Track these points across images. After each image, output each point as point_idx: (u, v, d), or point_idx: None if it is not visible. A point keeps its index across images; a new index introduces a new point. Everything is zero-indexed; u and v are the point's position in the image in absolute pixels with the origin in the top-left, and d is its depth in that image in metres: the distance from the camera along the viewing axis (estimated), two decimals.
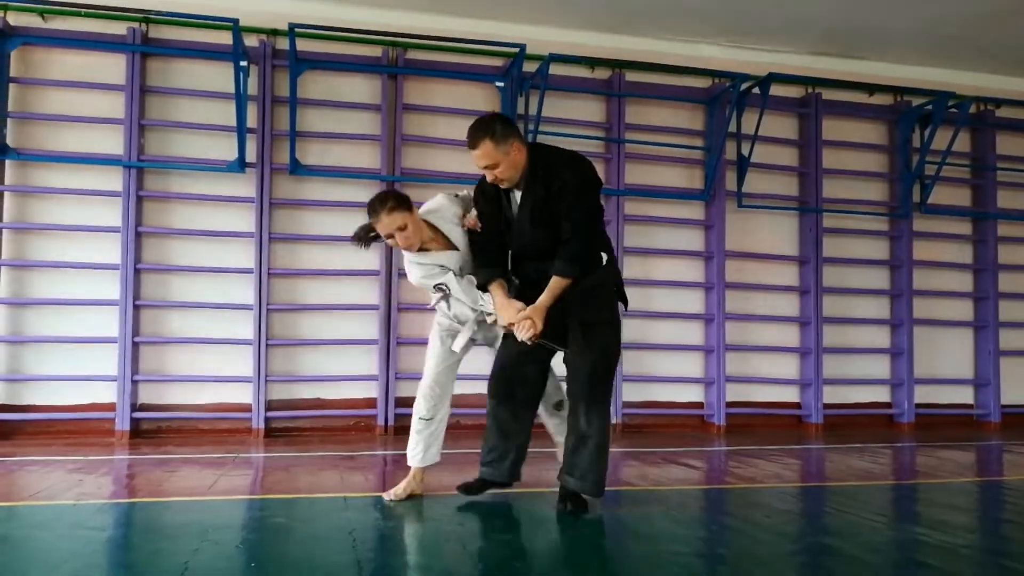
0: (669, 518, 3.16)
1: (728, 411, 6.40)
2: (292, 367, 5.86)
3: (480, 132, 3.01)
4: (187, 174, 5.73)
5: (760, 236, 6.73)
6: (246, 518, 3.17)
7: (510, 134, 3.04)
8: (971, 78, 7.16)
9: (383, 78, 5.98)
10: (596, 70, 6.43)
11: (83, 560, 2.47)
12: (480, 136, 3.01)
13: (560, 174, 3.06)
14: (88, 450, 4.86)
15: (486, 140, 3.00)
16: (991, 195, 7.16)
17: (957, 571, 2.49)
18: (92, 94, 5.61)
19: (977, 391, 7.19)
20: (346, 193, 5.95)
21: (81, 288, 5.54)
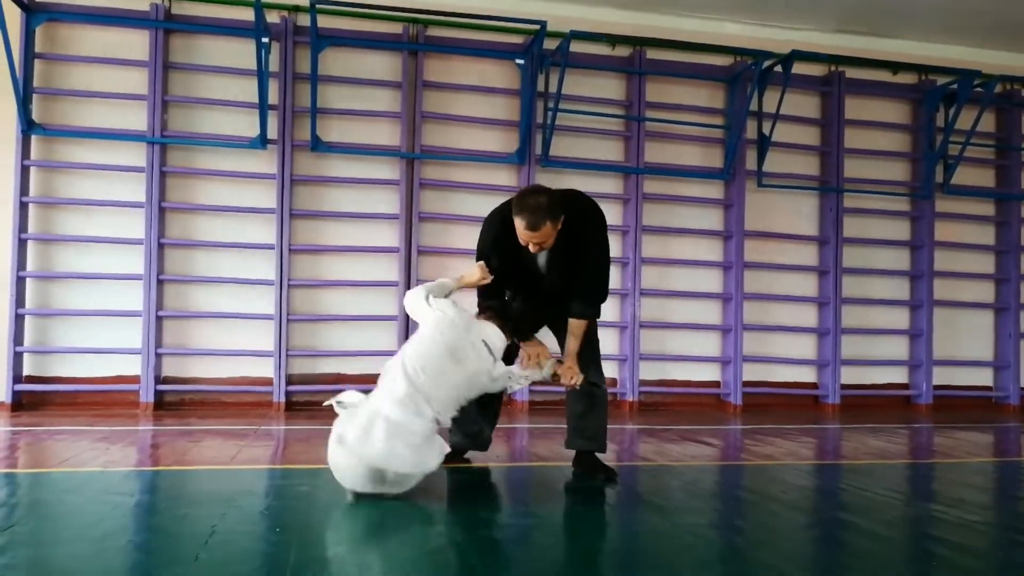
0: (685, 492, 3.19)
1: (745, 390, 6.41)
2: (312, 342, 5.92)
3: (544, 217, 2.93)
4: (209, 150, 5.78)
5: (780, 216, 6.70)
6: (270, 486, 3.23)
7: (561, 211, 3.01)
8: (997, 56, 7.05)
9: (404, 55, 5.99)
10: (617, 48, 6.40)
11: (112, 523, 2.54)
12: (544, 221, 2.94)
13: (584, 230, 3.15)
14: (113, 421, 4.96)
15: (548, 224, 2.95)
16: (1015, 176, 7.08)
17: (972, 546, 2.51)
18: (116, 70, 5.66)
19: (996, 373, 7.16)
20: (366, 170, 5.98)
21: (106, 262, 5.62)
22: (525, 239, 3.01)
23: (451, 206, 6.11)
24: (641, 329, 6.30)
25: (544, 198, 2.96)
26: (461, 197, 6.13)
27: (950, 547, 2.46)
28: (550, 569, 2.14)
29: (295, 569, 2.06)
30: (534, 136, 6.14)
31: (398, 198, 5.97)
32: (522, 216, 2.95)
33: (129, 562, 2.16)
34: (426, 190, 6.07)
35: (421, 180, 6.02)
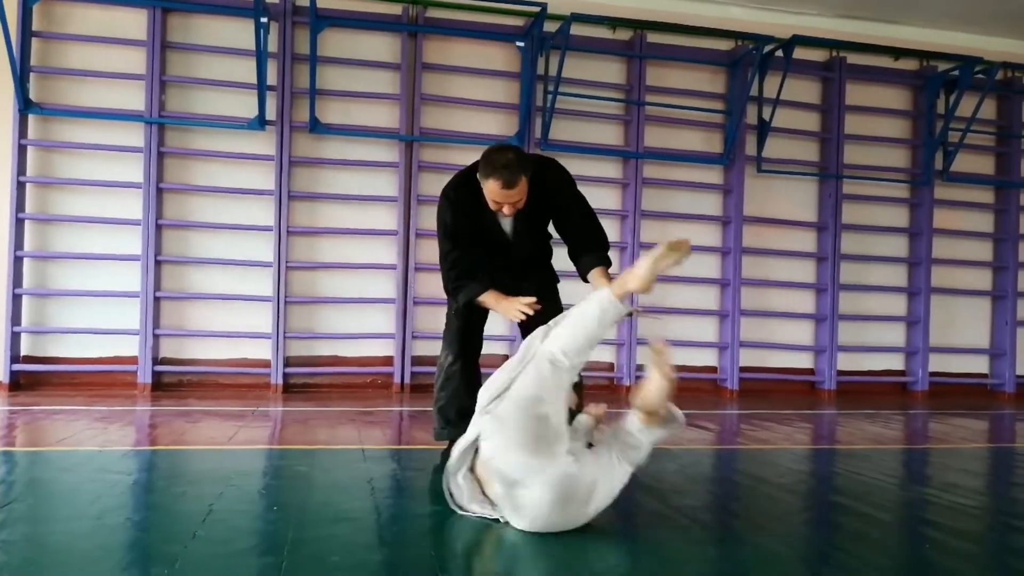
0: (682, 475, 3.21)
1: (741, 376, 6.43)
2: (310, 324, 5.93)
3: (518, 173, 2.77)
4: (207, 131, 5.76)
5: (779, 202, 6.70)
6: (267, 466, 3.24)
7: (529, 166, 2.87)
8: (999, 43, 7.02)
9: (403, 36, 5.95)
10: (617, 31, 6.37)
11: (110, 501, 2.54)
12: (520, 175, 2.78)
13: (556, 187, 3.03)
14: (111, 401, 4.97)
15: (523, 179, 2.80)
16: (1015, 163, 7.07)
17: (965, 529, 2.52)
18: (114, 49, 5.63)
19: (992, 361, 7.18)
20: (365, 152, 5.97)
21: (103, 243, 5.61)
22: (501, 200, 2.82)
23: None
24: (638, 314, 6.28)
25: (511, 153, 2.81)
26: None
27: (943, 530, 2.47)
28: (545, 551, 2.15)
29: (292, 547, 2.08)
30: (533, 119, 6.12)
31: (397, 180, 5.96)
32: (496, 176, 2.76)
33: (127, 539, 2.18)
34: (425, 172, 6.05)
35: (420, 162, 6.00)
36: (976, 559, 2.26)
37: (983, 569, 2.20)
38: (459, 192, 3.01)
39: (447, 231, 3.02)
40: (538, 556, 2.12)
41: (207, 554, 2.01)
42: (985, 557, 2.32)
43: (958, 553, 2.25)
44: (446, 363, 3.27)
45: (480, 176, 2.83)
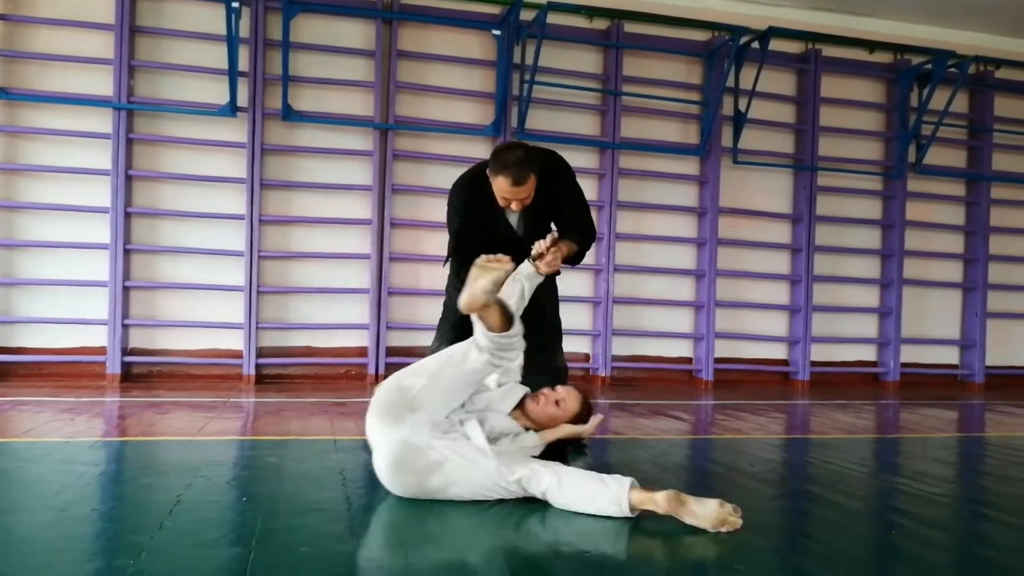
0: (654, 464, 3.21)
1: (716, 367, 6.47)
2: (283, 314, 5.86)
3: (527, 169, 2.80)
4: (178, 117, 5.66)
5: (754, 193, 6.73)
6: (238, 457, 3.20)
7: (537, 162, 2.89)
8: (972, 38, 7.10)
9: (378, 23, 5.89)
10: (595, 20, 6.34)
11: (76, 492, 2.49)
12: (529, 172, 2.80)
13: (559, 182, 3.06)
14: (79, 392, 4.89)
15: (532, 177, 2.82)
16: (986, 157, 7.16)
17: (933, 517, 2.55)
18: (81, 33, 5.51)
19: (962, 352, 7.28)
20: (339, 140, 5.90)
21: (71, 231, 5.51)
22: (510, 196, 2.85)
23: (425, 178, 6.05)
24: (614, 305, 6.31)
25: (520, 151, 2.85)
26: (435, 169, 6.07)
27: (912, 518, 2.50)
28: (522, 538, 2.14)
29: (261, 537, 2.05)
30: (510, 108, 6.08)
31: (371, 169, 5.90)
32: (505, 173, 2.79)
33: (92, 530, 2.13)
34: (399, 161, 6.00)
35: (395, 151, 5.95)
36: (943, 546, 2.28)
37: (950, 555, 2.22)
38: (469, 187, 3.03)
39: (457, 220, 3.03)
40: (509, 545, 2.11)
41: (174, 544, 1.98)
42: (952, 544, 2.34)
43: (926, 540, 2.27)
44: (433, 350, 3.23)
45: (490, 172, 2.86)
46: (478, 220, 3.03)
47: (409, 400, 2.41)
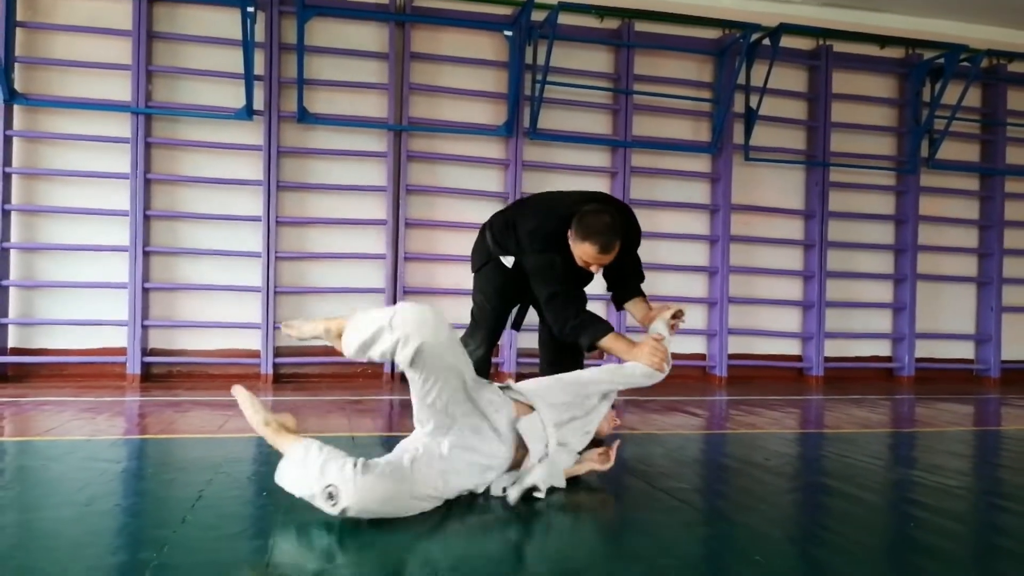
0: (669, 458, 3.23)
1: (730, 363, 6.47)
2: (301, 314, 5.91)
3: (616, 237, 2.87)
4: (195, 121, 5.73)
5: (766, 190, 6.73)
6: (257, 454, 3.24)
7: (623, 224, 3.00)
8: (984, 31, 7.06)
9: (391, 25, 5.93)
10: (605, 20, 6.37)
11: (98, 488, 2.54)
12: (616, 240, 2.88)
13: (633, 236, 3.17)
14: (100, 392, 4.96)
15: (618, 243, 2.90)
16: (1000, 151, 7.12)
17: (949, 508, 2.55)
18: (99, 39, 5.59)
19: (978, 346, 7.25)
20: (354, 142, 5.96)
21: (91, 234, 5.59)
22: (593, 261, 2.91)
23: (438, 178, 6.09)
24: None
25: (607, 217, 2.87)
26: (448, 169, 6.11)
27: (928, 510, 2.50)
28: (537, 531, 2.16)
29: (281, 531, 2.08)
30: (522, 108, 6.11)
31: (385, 170, 5.95)
32: (594, 240, 2.83)
33: (115, 525, 2.18)
34: (413, 162, 6.05)
35: (408, 152, 5.99)
36: (960, 537, 2.29)
37: (967, 546, 2.23)
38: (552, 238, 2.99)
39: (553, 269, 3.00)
40: (523, 536, 2.14)
41: (196, 538, 2.02)
42: (969, 535, 2.35)
43: (943, 531, 2.28)
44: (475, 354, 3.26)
45: (575, 236, 2.88)
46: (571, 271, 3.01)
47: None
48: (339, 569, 1.82)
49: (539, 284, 3.04)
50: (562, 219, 2.96)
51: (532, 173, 6.18)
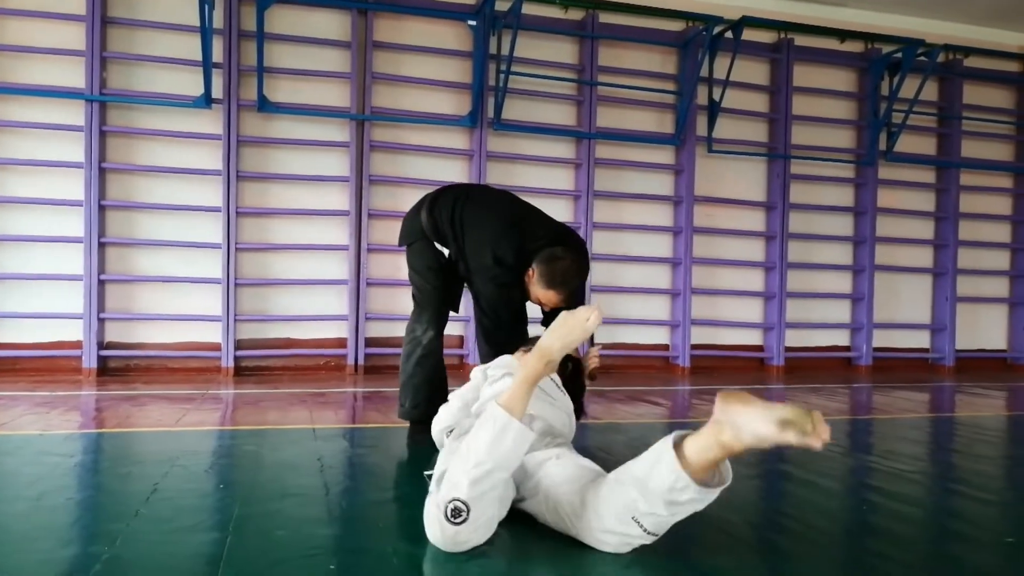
0: (629, 447, 3.24)
1: (693, 353, 6.53)
2: (261, 306, 5.84)
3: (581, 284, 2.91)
4: (151, 109, 5.61)
5: (729, 181, 6.79)
6: (215, 446, 3.20)
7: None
8: (941, 27, 7.20)
9: (353, 13, 5.86)
10: (569, 11, 6.36)
11: (51, 482, 2.49)
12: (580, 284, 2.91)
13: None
14: (54, 387, 4.85)
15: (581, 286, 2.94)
16: (956, 144, 7.26)
17: (905, 493, 2.61)
18: (51, 24, 5.43)
19: (933, 336, 7.40)
20: (315, 131, 5.88)
21: (44, 225, 5.45)
22: (554, 305, 2.89)
23: (402, 169, 6.04)
24: (592, 293, 6.34)
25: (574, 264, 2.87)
26: (412, 159, 6.07)
27: (883, 494, 2.55)
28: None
29: (238, 522, 2.06)
30: (486, 99, 6.08)
31: (348, 160, 5.89)
32: (560, 290, 2.84)
33: (67, 519, 2.13)
34: (376, 152, 5.99)
35: (371, 142, 5.93)
36: (914, 520, 2.33)
37: (921, 529, 2.27)
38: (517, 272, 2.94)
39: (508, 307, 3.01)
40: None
41: (150, 531, 1.98)
42: (923, 518, 2.40)
43: (898, 515, 2.32)
44: (424, 338, 3.22)
45: (541, 280, 2.85)
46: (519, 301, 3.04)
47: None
48: (295, 560, 1.80)
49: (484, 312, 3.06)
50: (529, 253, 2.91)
51: (496, 164, 6.17)
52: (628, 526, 1.80)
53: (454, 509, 1.79)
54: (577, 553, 1.87)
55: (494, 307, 2.99)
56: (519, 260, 2.91)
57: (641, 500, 1.75)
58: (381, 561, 1.82)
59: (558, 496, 1.95)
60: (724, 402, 1.66)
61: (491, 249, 2.94)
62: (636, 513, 1.77)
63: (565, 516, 1.93)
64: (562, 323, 1.98)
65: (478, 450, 1.82)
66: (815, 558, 1.87)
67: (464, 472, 1.80)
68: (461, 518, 1.79)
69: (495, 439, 1.83)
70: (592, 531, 1.87)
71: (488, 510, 1.84)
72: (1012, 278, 7.60)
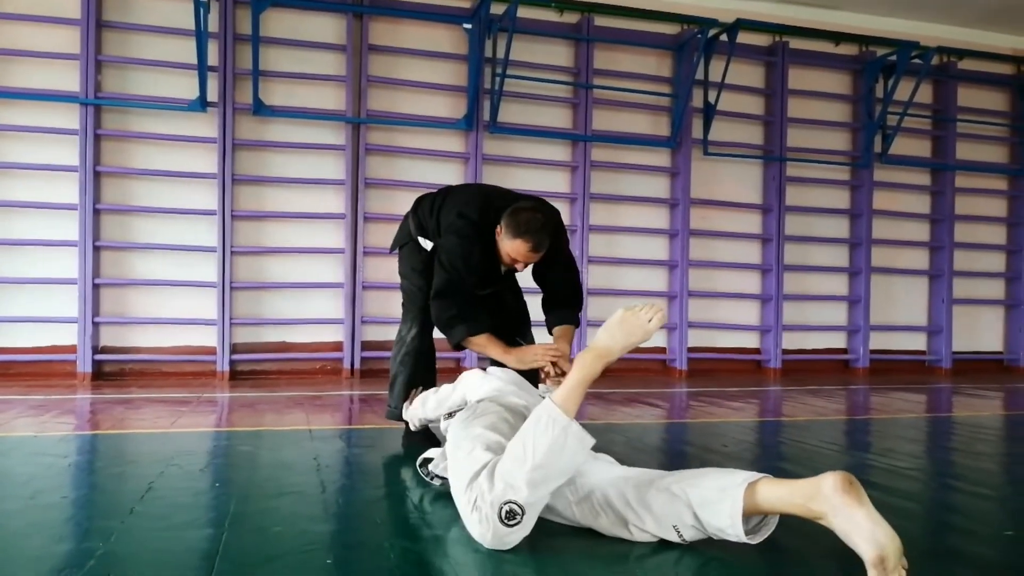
0: (629, 446, 3.24)
1: (690, 356, 6.52)
2: (257, 310, 5.82)
3: (548, 236, 2.80)
4: (147, 113, 5.60)
5: (725, 184, 6.80)
6: (211, 447, 3.18)
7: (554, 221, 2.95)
8: (935, 29, 7.22)
9: (348, 17, 5.87)
10: (565, 14, 6.37)
11: (45, 482, 2.47)
12: (547, 240, 2.80)
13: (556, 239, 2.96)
14: (49, 390, 4.82)
15: (548, 242, 2.81)
16: (950, 146, 7.29)
17: (903, 488, 2.60)
18: (47, 28, 5.43)
19: (930, 338, 7.40)
20: (311, 134, 5.88)
21: (39, 228, 5.42)
22: (523, 259, 2.82)
23: (398, 172, 6.04)
24: (588, 296, 6.33)
25: (540, 215, 2.79)
26: (408, 163, 6.07)
27: (881, 490, 2.54)
28: None
29: (234, 519, 2.04)
30: (482, 102, 6.09)
31: (344, 163, 5.88)
32: (527, 238, 2.74)
33: (61, 516, 2.11)
34: (372, 155, 5.99)
35: (367, 145, 5.93)
36: (912, 515, 2.32)
37: (919, 524, 2.26)
38: (473, 237, 2.89)
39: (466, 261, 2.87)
40: None
41: (145, 528, 1.97)
42: (921, 513, 2.39)
43: (896, 510, 2.31)
44: (408, 336, 3.24)
45: (507, 231, 2.78)
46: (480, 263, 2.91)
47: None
48: (292, 555, 1.78)
49: (441, 267, 2.92)
50: (495, 212, 2.89)
51: (492, 167, 6.17)
52: (666, 531, 1.83)
53: (509, 511, 1.76)
54: (582, 544, 1.85)
55: (451, 258, 2.89)
56: (484, 218, 2.90)
57: (688, 517, 1.78)
58: (378, 555, 1.80)
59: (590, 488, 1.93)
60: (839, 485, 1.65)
61: (458, 209, 2.96)
62: (679, 524, 1.80)
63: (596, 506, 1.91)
64: (621, 322, 1.95)
65: (536, 452, 1.78)
66: (814, 553, 1.86)
67: (523, 474, 1.76)
68: (515, 520, 1.76)
69: (555, 442, 1.79)
70: (621, 525, 1.88)
71: (538, 513, 1.83)
72: (1008, 280, 7.62)
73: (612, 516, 1.88)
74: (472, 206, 2.95)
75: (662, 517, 1.82)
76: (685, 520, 1.79)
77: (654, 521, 1.83)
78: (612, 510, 1.88)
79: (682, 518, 1.79)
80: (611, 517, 1.89)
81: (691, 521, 1.78)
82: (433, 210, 3.09)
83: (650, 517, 1.83)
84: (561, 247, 3.04)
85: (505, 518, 1.76)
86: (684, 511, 1.78)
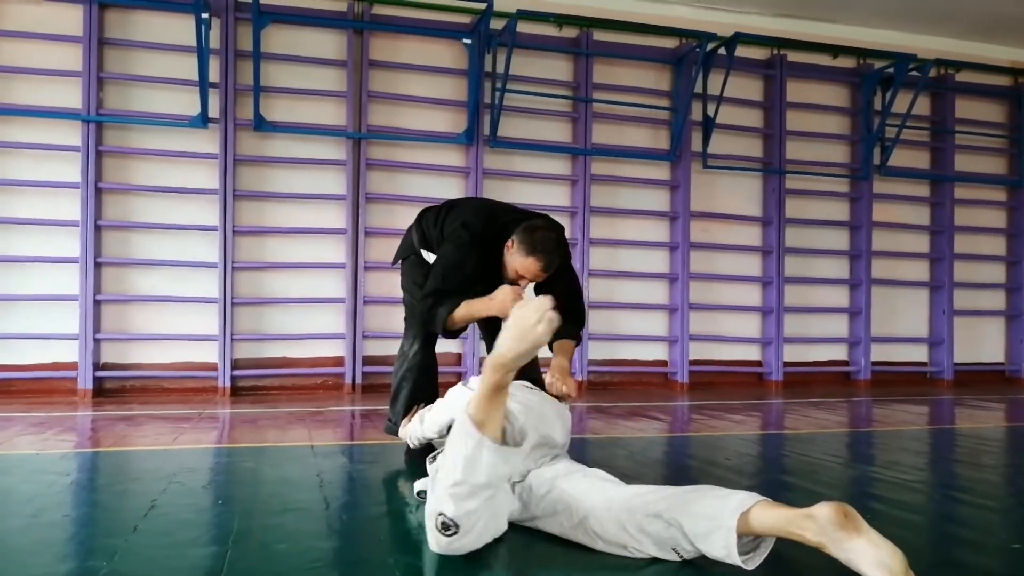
0: (632, 460, 3.23)
1: (691, 368, 6.51)
2: (258, 326, 5.82)
3: (559, 257, 2.82)
4: (148, 129, 5.62)
5: (724, 197, 6.81)
6: (214, 464, 3.17)
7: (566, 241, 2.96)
8: (933, 42, 7.26)
9: (349, 33, 5.90)
10: (564, 28, 6.41)
11: (48, 500, 2.46)
12: (558, 260, 2.82)
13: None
14: (50, 408, 4.81)
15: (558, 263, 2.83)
16: (949, 158, 7.31)
17: (907, 501, 2.59)
18: (48, 45, 5.46)
19: (931, 349, 7.40)
20: (312, 150, 5.90)
21: (40, 245, 5.44)
22: (531, 277, 2.82)
23: (398, 187, 6.05)
24: (590, 309, 6.33)
25: (554, 234, 2.81)
26: (409, 178, 6.08)
27: (885, 502, 2.54)
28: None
29: (238, 537, 2.03)
30: (482, 117, 6.11)
31: (344, 178, 5.90)
32: (540, 257, 2.74)
33: (64, 535, 2.10)
34: (373, 170, 6.01)
35: (368, 160, 5.95)
36: (917, 527, 2.32)
37: (924, 536, 2.26)
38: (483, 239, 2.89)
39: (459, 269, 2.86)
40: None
41: (149, 546, 1.96)
42: (925, 525, 2.38)
43: (901, 522, 2.31)
44: (410, 351, 3.23)
45: (519, 248, 2.78)
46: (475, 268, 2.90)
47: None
48: (297, 572, 1.78)
49: (432, 273, 2.92)
50: (501, 226, 2.89)
51: (493, 181, 6.18)
52: (666, 553, 1.84)
53: (443, 524, 1.78)
54: (583, 559, 1.85)
55: (444, 265, 2.89)
56: (487, 230, 2.90)
57: (686, 543, 1.79)
58: (382, 571, 1.80)
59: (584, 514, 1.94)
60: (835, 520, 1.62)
61: (463, 219, 2.96)
62: (678, 547, 1.82)
63: (591, 532, 1.92)
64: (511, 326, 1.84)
65: (455, 468, 1.79)
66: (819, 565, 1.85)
67: (445, 489, 1.78)
68: (451, 531, 1.78)
69: (471, 457, 1.79)
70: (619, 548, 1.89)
71: (479, 522, 1.81)
72: (1008, 291, 7.62)
73: (609, 541, 1.90)
74: (477, 217, 2.96)
75: (661, 542, 1.83)
76: (683, 544, 1.80)
77: (653, 544, 1.84)
78: (609, 536, 1.89)
79: (679, 543, 1.81)
80: (608, 542, 1.90)
81: (688, 546, 1.79)
82: (438, 221, 3.11)
83: (649, 541, 1.84)
84: (565, 263, 3.04)
85: (441, 529, 1.78)
86: (680, 538, 1.80)
